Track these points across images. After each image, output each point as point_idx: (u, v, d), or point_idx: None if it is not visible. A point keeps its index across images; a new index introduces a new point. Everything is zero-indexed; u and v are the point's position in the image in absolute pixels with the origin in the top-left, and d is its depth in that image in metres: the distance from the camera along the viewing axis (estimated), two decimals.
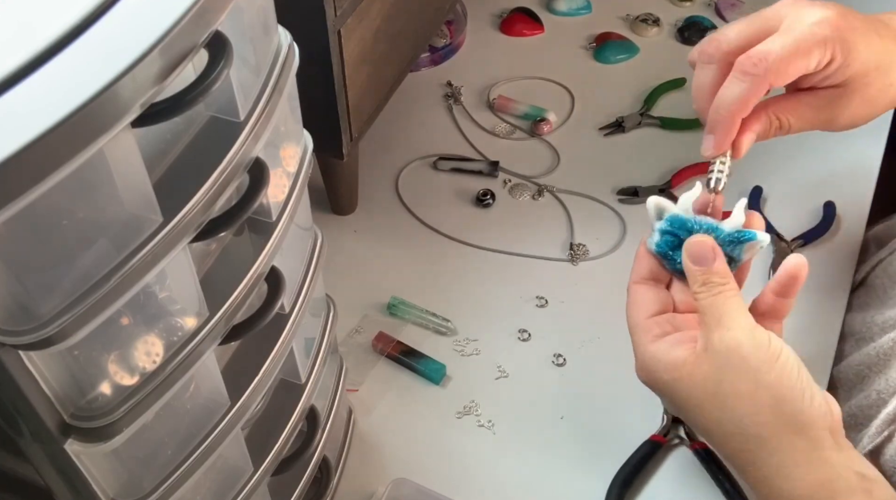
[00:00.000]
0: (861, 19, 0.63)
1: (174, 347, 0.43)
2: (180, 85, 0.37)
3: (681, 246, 0.58)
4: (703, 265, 0.56)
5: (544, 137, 0.96)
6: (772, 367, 0.53)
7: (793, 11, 0.61)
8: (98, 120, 0.32)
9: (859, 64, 0.61)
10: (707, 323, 0.55)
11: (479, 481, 0.70)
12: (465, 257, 0.86)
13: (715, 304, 0.55)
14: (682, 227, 0.59)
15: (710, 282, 0.56)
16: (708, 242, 0.57)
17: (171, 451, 0.46)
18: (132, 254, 0.37)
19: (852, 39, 0.61)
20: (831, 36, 0.60)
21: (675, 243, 0.59)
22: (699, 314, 0.56)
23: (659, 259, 0.60)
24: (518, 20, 1.09)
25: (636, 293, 0.60)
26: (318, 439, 0.61)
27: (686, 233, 0.58)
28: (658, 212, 0.60)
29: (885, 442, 0.64)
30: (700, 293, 0.56)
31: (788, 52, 0.59)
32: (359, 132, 0.80)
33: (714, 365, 0.54)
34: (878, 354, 0.70)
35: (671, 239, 0.59)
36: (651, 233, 0.60)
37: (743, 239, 0.58)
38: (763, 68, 0.59)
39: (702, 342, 0.55)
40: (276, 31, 0.47)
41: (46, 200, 0.32)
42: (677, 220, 0.59)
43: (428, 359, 0.77)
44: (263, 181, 0.44)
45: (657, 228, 0.60)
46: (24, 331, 0.35)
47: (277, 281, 0.49)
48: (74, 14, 0.35)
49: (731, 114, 0.60)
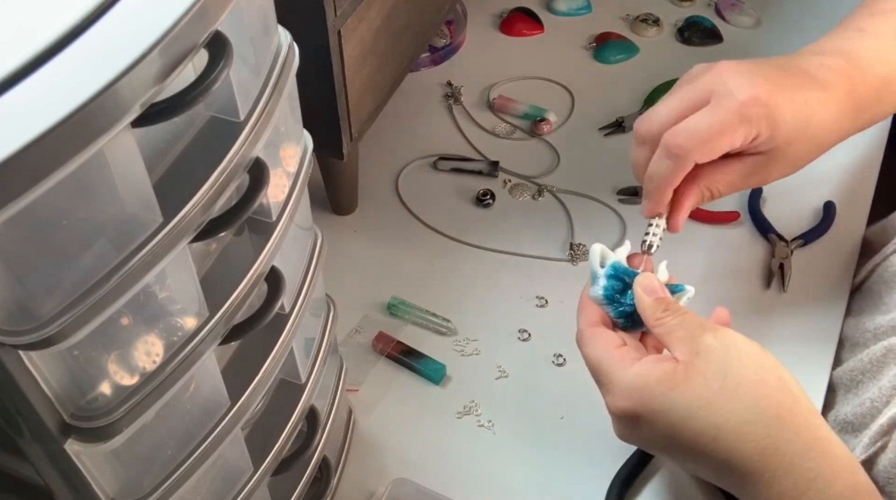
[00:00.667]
0: (788, 85, 0.64)
1: (174, 347, 0.43)
2: (180, 85, 0.37)
3: (625, 290, 0.61)
4: (655, 295, 0.59)
5: (544, 137, 0.96)
6: (767, 354, 0.55)
7: (721, 85, 0.63)
8: (98, 120, 0.32)
9: (785, 133, 0.62)
10: (688, 335, 0.55)
11: (479, 481, 0.70)
12: (465, 257, 0.86)
13: (687, 320, 0.56)
14: (626, 273, 0.63)
15: (672, 307, 0.58)
16: (656, 279, 0.61)
17: (171, 451, 0.46)
18: (132, 254, 0.37)
19: (779, 112, 0.62)
20: (758, 113, 0.61)
21: (620, 288, 0.62)
22: (668, 336, 0.56)
23: (604, 306, 0.62)
24: (518, 20, 1.09)
25: (594, 334, 0.60)
26: (318, 439, 0.61)
27: (630, 277, 0.62)
28: (601, 259, 0.64)
29: (879, 452, 0.64)
30: (665, 318, 0.57)
31: (713, 134, 0.61)
32: (359, 132, 0.80)
33: (712, 363, 0.53)
34: (871, 361, 0.70)
35: (616, 283, 0.62)
36: (593, 282, 0.63)
37: (675, 290, 0.62)
38: (686, 149, 0.61)
39: (688, 350, 0.54)
40: (276, 31, 0.47)
41: (46, 200, 0.32)
42: (620, 266, 0.63)
43: (428, 359, 0.77)
44: (263, 181, 0.44)
45: (603, 273, 0.63)
46: (24, 331, 0.35)
47: (277, 281, 0.49)
48: (74, 14, 0.35)
49: (660, 188, 0.64)
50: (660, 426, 0.54)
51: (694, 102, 0.63)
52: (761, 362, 0.54)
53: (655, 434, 0.55)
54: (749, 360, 0.54)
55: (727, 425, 0.52)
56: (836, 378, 0.74)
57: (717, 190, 0.66)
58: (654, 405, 0.54)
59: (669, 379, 0.54)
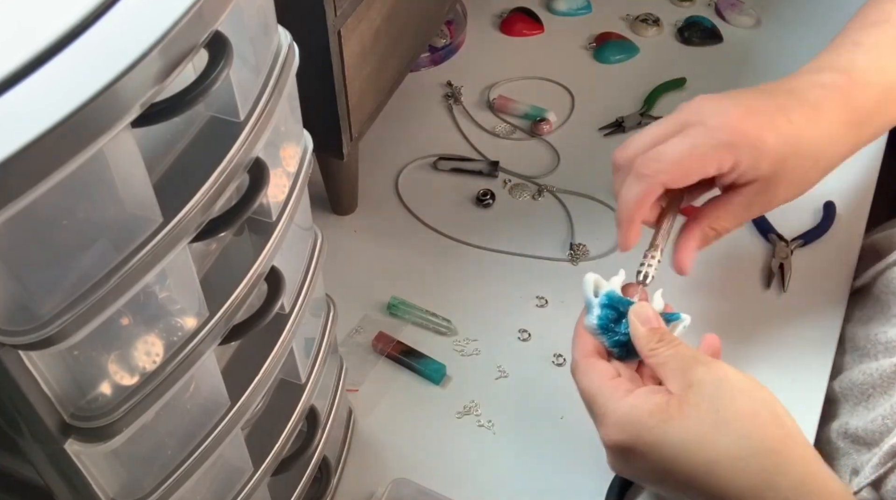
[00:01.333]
0: (768, 108, 0.63)
1: (174, 347, 0.43)
2: (180, 85, 0.37)
3: (620, 319, 0.61)
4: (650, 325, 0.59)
5: (544, 137, 0.96)
6: (761, 387, 0.54)
7: (696, 115, 0.63)
8: (98, 120, 0.32)
9: (771, 158, 0.62)
10: (681, 367, 0.55)
11: (479, 481, 0.70)
12: (465, 257, 0.86)
13: (680, 352, 0.56)
14: (620, 302, 0.62)
15: (666, 338, 0.57)
16: (650, 309, 0.60)
17: (171, 451, 0.46)
18: (132, 254, 0.37)
19: (759, 137, 0.61)
20: (730, 141, 0.61)
21: (614, 317, 0.62)
22: (662, 367, 0.56)
23: (598, 336, 0.62)
24: (518, 20, 1.09)
25: (588, 364, 0.60)
26: (318, 439, 0.61)
27: (624, 307, 0.62)
28: (595, 288, 0.63)
29: (889, 473, 0.64)
30: (658, 348, 0.57)
31: (680, 157, 0.61)
32: (359, 132, 0.80)
33: (705, 396, 0.53)
34: (882, 376, 0.69)
35: (610, 312, 0.62)
36: (588, 311, 0.63)
37: (671, 318, 0.62)
38: (653, 170, 0.61)
39: (681, 383, 0.54)
40: (276, 31, 0.47)
41: (46, 200, 0.32)
42: (614, 295, 0.63)
43: (428, 359, 0.77)
44: (263, 181, 0.44)
45: (597, 302, 0.62)
46: (24, 331, 0.35)
47: (277, 281, 0.49)
48: (74, 14, 0.35)
49: (629, 213, 0.63)
50: (653, 460, 0.53)
51: (670, 132, 0.63)
52: (754, 395, 0.53)
53: (648, 467, 0.54)
54: (741, 394, 0.53)
55: (721, 460, 0.52)
56: (843, 388, 0.73)
57: (721, 227, 0.66)
58: (648, 438, 0.53)
59: (662, 412, 0.53)
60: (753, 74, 1.02)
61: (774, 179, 0.63)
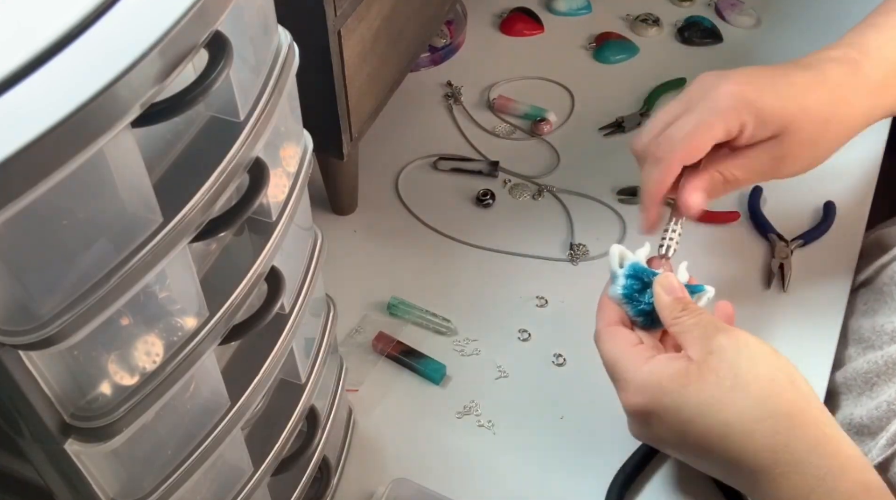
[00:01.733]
0: (770, 74, 0.65)
1: (174, 347, 0.43)
2: (180, 85, 0.37)
3: (644, 289, 0.63)
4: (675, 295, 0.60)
5: (544, 137, 0.96)
6: (779, 355, 0.55)
7: (699, 92, 0.65)
8: (98, 120, 0.32)
9: (776, 116, 0.63)
10: (703, 335, 0.56)
11: (479, 481, 0.70)
12: (465, 257, 0.86)
13: (703, 320, 0.57)
14: (644, 272, 0.64)
15: (690, 307, 0.59)
16: (675, 279, 0.61)
17: (171, 451, 0.46)
18: (132, 254, 0.37)
19: (759, 100, 0.63)
20: (733, 105, 0.63)
21: (639, 287, 0.63)
22: (684, 335, 0.57)
23: (623, 305, 0.63)
24: (518, 20, 1.09)
25: (612, 332, 0.61)
26: (318, 439, 0.61)
27: (648, 277, 0.63)
28: (620, 260, 0.65)
29: (894, 456, 0.64)
30: (682, 317, 0.58)
31: (691, 132, 0.63)
32: (359, 132, 0.80)
33: (725, 362, 0.54)
34: (887, 363, 0.69)
35: (635, 283, 0.63)
36: (613, 281, 0.64)
37: (695, 290, 0.63)
38: (666, 151, 0.64)
39: (702, 349, 0.55)
40: (276, 31, 0.47)
41: (46, 200, 0.32)
42: (639, 266, 0.64)
43: (428, 359, 0.77)
44: (263, 181, 0.44)
45: (622, 273, 0.64)
46: (24, 331, 0.35)
47: (277, 281, 0.49)
48: (74, 14, 0.35)
49: (650, 197, 0.66)
50: (671, 423, 0.55)
51: (678, 112, 0.65)
52: (773, 361, 0.55)
53: (667, 431, 0.56)
54: (761, 359, 0.55)
55: (737, 422, 0.53)
56: (846, 379, 0.74)
57: (731, 175, 0.66)
58: (666, 402, 0.55)
59: (682, 376, 0.54)
60: None
61: (786, 139, 0.64)
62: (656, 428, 0.56)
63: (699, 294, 0.63)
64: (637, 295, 0.63)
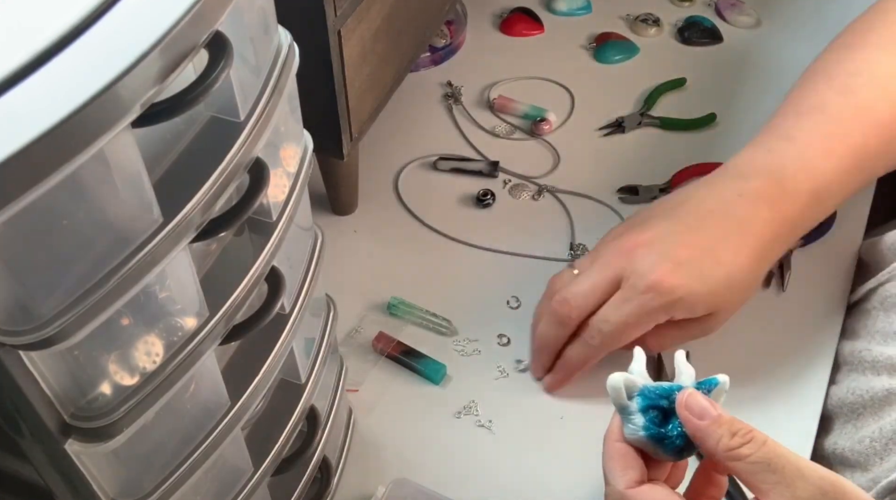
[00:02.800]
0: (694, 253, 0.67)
1: (174, 347, 0.43)
2: (180, 85, 0.37)
3: (666, 418, 0.51)
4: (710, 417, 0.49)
5: (544, 137, 0.96)
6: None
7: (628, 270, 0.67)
8: (98, 120, 0.32)
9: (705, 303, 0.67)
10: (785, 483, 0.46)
11: (479, 481, 0.70)
12: (465, 257, 0.86)
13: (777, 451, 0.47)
14: (661, 396, 0.52)
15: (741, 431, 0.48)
16: (701, 397, 0.50)
17: (171, 451, 0.46)
18: (132, 254, 0.37)
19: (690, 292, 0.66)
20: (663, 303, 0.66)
21: (661, 418, 0.51)
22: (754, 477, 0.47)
23: (649, 447, 0.51)
24: (518, 20, 1.09)
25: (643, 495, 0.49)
26: (318, 439, 0.61)
27: (668, 401, 0.51)
28: (629, 390, 0.52)
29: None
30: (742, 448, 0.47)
31: (621, 326, 0.67)
32: (359, 132, 0.80)
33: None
34: (873, 398, 0.68)
35: (655, 414, 0.51)
36: (624, 420, 0.52)
37: (711, 386, 0.52)
38: (599, 342, 0.68)
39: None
40: (276, 31, 0.47)
41: (46, 200, 0.32)
42: (651, 390, 0.52)
43: (428, 359, 0.77)
44: (263, 181, 0.44)
45: (635, 408, 0.51)
46: (25, 331, 0.35)
47: (277, 281, 0.49)
48: (74, 14, 0.35)
49: (572, 371, 0.72)
50: None
51: (606, 289, 0.68)
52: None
53: None
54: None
55: None
56: (833, 405, 0.73)
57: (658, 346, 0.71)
58: None
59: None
60: (753, 74, 1.02)
61: (712, 314, 0.68)
62: None
63: (716, 390, 0.52)
64: (662, 430, 0.50)
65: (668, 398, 0.51)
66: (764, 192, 0.69)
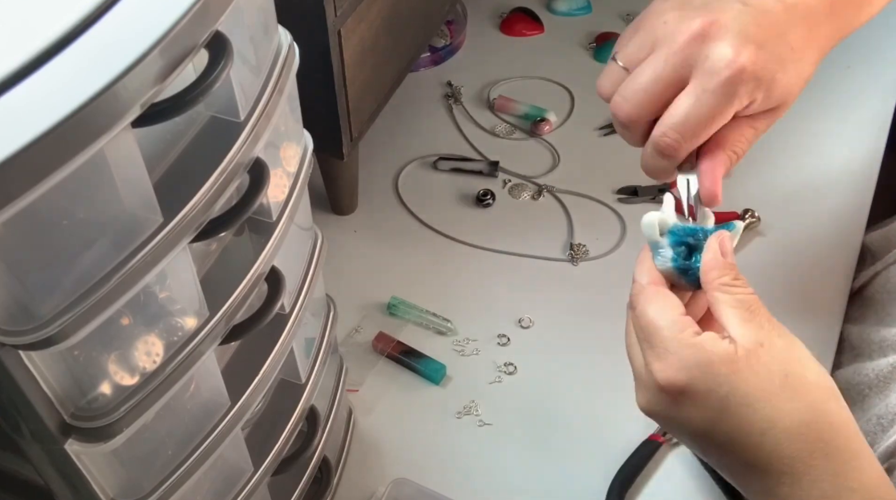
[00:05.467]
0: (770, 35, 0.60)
1: (174, 347, 0.43)
2: (180, 85, 0.37)
3: (691, 253, 0.57)
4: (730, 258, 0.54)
5: (544, 137, 0.96)
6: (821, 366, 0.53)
7: (701, 56, 0.58)
8: (98, 120, 0.32)
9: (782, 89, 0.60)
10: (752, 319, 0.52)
11: (480, 481, 0.70)
12: (465, 257, 0.86)
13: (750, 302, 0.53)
14: (690, 234, 0.58)
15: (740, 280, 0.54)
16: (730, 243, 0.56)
17: (171, 451, 0.46)
18: (132, 254, 0.37)
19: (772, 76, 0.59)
20: (746, 80, 0.58)
21: (687, 253, 0.57)
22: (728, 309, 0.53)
23: (674, 277, 0.57)
24: (518, 20, 1.09)
25: (658, 294, 0.55)
26: (318, 439, 0.61)
27: (692, 238, 0.57)
28: (661, 227, 0.58)
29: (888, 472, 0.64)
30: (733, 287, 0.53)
31: (702, 124, 0.58)
32: (359, 132, 0.80)
33: (776, 358, 0.51)
34: (878, 376, 0.69)
35: (682, 249, 0.57)
36: (655, 252, 0.58)
37: (730, 229, 0.58)
38: (679, 148, 0.59)
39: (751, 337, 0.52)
40: (276, 31, 0.47)
41: (46, 200, 0.32)
42: (681, 229, 0.58)
43: (428, 359, 0.77)
44: (263, 181, 0.44)
45: (666, 243, 0.57)
46: (25, 331, 0.35)
47: (277, 281, 0.49)
48: (74, 14, 0.35)
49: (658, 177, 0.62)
50: (708, 408, 0.51)
51: (673, 80, 0.58)
52: (819, 369, 0.52)
53: (698, 415, 0.52)
54: (810, 365, 0.52)
55: (782, 421, 0.51)
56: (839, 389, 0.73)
57: (741, 150, 0.62)
58: (712, 384, 0.51)
59: (732, 362, 0.51)
60: None
61: (784, 104, 0.62)
62: (686, 410, 0.52)
63: (733, 232, 0.58)
64: (687, 263, 0.57)
65: (694, 237, 0.58)
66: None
